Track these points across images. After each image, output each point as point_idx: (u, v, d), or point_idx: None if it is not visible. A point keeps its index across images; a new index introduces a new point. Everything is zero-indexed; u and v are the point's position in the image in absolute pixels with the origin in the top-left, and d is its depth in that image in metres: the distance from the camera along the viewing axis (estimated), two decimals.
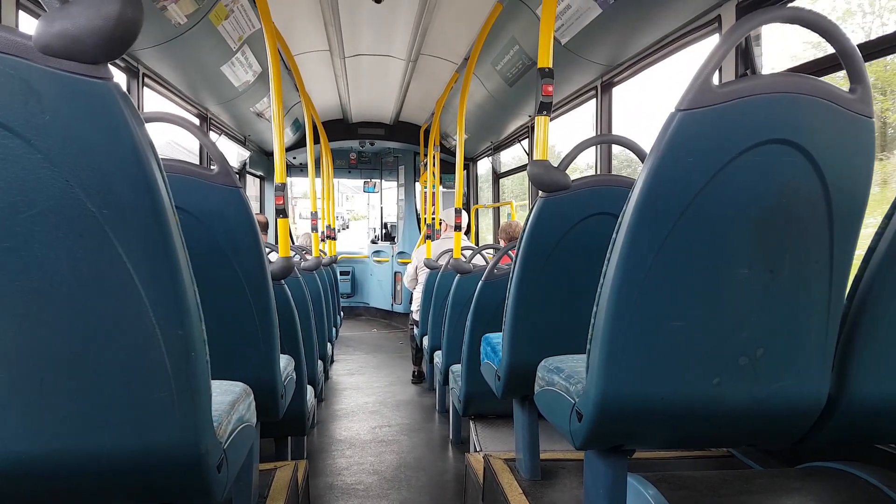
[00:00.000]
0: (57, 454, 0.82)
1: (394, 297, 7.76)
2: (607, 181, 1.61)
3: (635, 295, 1.01)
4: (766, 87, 0.95)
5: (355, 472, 2.73)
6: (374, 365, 5.22)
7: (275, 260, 2.03)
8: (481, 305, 2.37)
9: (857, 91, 1.00)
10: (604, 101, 3.54)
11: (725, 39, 0.96)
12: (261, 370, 1.60)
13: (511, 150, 5.99)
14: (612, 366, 1.04)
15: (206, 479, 0.92)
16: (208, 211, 1.42)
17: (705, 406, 1.07)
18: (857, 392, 1.11)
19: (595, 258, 1.21)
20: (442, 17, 3.79)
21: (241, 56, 3.71)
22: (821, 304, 1.05)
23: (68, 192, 0.72)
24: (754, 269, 1.01)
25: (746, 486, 1.16)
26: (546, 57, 1.82)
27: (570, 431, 1.19)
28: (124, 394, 0.82)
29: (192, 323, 0.83)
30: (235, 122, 5.06)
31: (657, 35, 2.84)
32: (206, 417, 0.90)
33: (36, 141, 0.70)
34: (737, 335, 1.04)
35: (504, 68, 4.05)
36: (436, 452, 3.02)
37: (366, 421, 3.55)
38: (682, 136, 0.94)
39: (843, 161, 0.99)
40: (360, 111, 6.69)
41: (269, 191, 7.12)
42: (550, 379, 1.35)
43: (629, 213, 0.99)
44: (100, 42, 0.68)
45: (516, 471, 1.90)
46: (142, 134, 0.74)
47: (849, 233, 1.03)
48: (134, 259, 0.76)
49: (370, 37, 4.28)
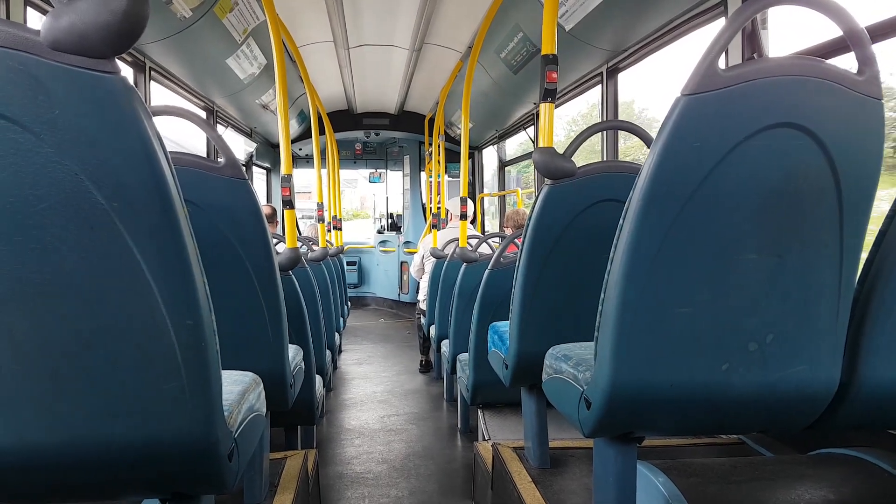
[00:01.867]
0: (70, 444, 0.83)
1: (400, 286, 7.79)
2: (613, 167, 1.59)
3: (643, 281, 1.00)
4: (773, 70, 0.94)
5: (364, 460, 2.75)
6: (382, 354, 5.24)
7: (282, 251, 2.04)
8: (488, 294, 2.37)
9: (866, 73, 0.99)
10: (609, 87, 3.52)
11: (731, 23, 0.95)
12: (270, 360, 1.61)
13: (517, 136, 5.97)
14: (621, 353, 1.04)
15: (217, 468, 0.93)
16: (216, 203, 1.43)
17: (715, 392, 1.07)
18: (869, 377, 1.10)
19: (602, 245, 1.21)
20: (445, 5, 3.77)
21: (246, 49, 3.71)
22: (831, 289, 1.05)
23: (78, 186, 0.73)
24: (763, 254, 1.00)
25: (757, 472, 1.16)
26: (550, 43, 1.80)
27: (578, 419, 1.19)
28: (136, 384, 0.83)
29: (203, 313, 0.84)
30: (241, 115, 5.06)
31: (662, 20, 2.81)
32: (217, 407, 0.91)
33: (45, 135, 0.70)
34: (746, 321, 1.04)
35: (508, 56, 4.02)
36: (444, 441, 3.03)
37: (374, 410, 3.57)
38: (688, 120, 0.94)
39: (852, 143, 0.98)
40: (364, 101, 6.69)
41: (275, 182, 7.14)
42: (558, 367, 1.35)
43: (636, 199, 0.98)
44: (107, 37, 0.69)
45: (525, 459, 1.91)
46: (150, 127, 0.74)
47: (859, 216, 1.02)
48: (144, 251, 0.77)
49: (374, 27, 4.26)
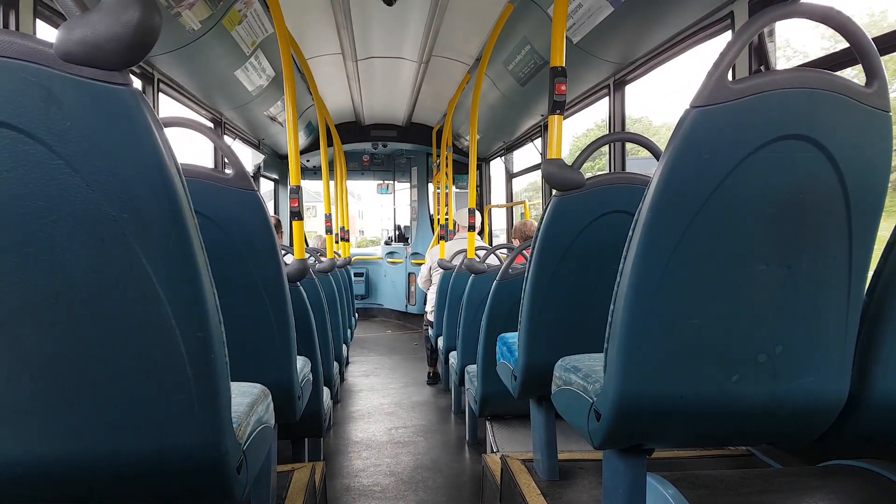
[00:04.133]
0: (78, 456, 0.83)
1: (408, 298, 7.78)
2: (622, 179, 1.59)
3: (652, 293, 1.00)
4: (781, 82, 0.94)
5: (372, 473, 2.73)
6: (390, 366, 5.23)
7: (290, 262, 2.04)
8: (496, 305, 2.37)
9: (874, 85, 0.99)
10: (617, 99, 3.52)
11: (739, 36, 0.95)
12: (278, 372, 1.61)
13: (524, 149, 5.98)
14: (630, 364, 1.04)
15: (226, 481, 0.93)
16: (225, 214, 1.44)
17: (724, 404, 1.07)
18: (879, 388, 1.10)
19: (611, 257, 1.21)
20: (453, 18, 3.79)
21: (254, 61, 3.75)
22: (840, 300, 1.04)
23: (89, 198, 0.73)
24: (772, 265, 1.00)
25: (767, 484, 1.14)
26: (559, 56, 1.82)
27: (588, 431, 1.19)
28: (145, 396, 0.83)
29: (212, 325, 0.84)
30: (249, 126, 5.10)
31: (669, 32, 2.82)
32: (226, 419, 0.90)
33: (57, 147, 0.71)
34: (755, 332, 1.03)
35: (516, 68, 4.04)
36: (452, 453, 3.01)
37: (382, 422, 3.56)
38: (697, 132, 0.94)
39: (860, 156, 0.98)
40: (372, 113, 6.73)
41: (283, 193, 7.18)
42: (567, 378, 1.34)
43: (645, 211, 0.98)
44: (119, 49, 0.69)
45: (534, 471, 1.89)
46: (161, 139, 0.75)
47: (867, 227, 1.02)
48: (154, 263, 0.77)
49: (382, 39, 4.30)
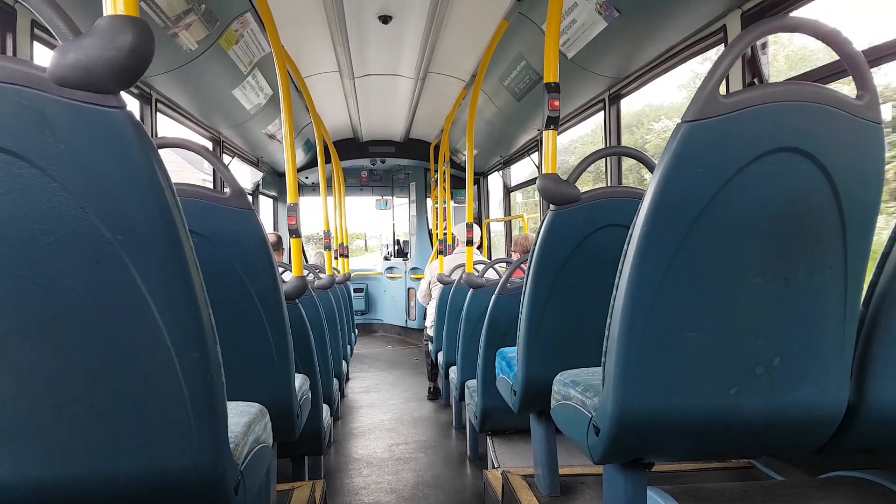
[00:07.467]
0: (75, 478, 0.83)
1: (408, 313, 7.76)
2: (617, 193, 1.60)
3: (648, 306, 1.00)
4: (773, 96, 0.95)
5: (373, 490, 2.71)
6: (390, 382, 5.20)
7: (288, 280, 2.04)
8: (495, 319, 2.36)
9: (865, 97, 1.00)
10: (612, 113, 3.55)
11: (730, 50, 0.96)
12: (276, 390, 1.60)
13: (522, 163, 6.01)
14: (628, 378, 1.03)
15: (223, 501, 0.92)
16: (222, 234, 1.44)
17: (723, 417, 1.06)
18: (878, 398, 1.09)
19: (607, 270, 1.21)
20: (449, 35, 3.83)
21: (251, 80, 3.78)
22: (836, 311, 1.04)
23: (84, 220, 0.74)
24: (768, 277, 1.00)
25: (768, 497, 1.14)
26: (552, 72, 1.83)
27: (587, 446, 1.18)
28: (141, 417, 0.83)
29: (208, 346, 0.84)
30: (248, 145, 5.13)
31: (663, 46, 2.85)
32: (223, 439, 0.90)
33: (51, 170, 0.71)
34: (752, 344, 1.03)
35: (512, 83, 4.08)
36: (453, 469, 2.99)
37: (382, 439, 3.53)
38: (690, 147, 0.95)
39: (853, 167, 0.99)
40: (370, 130, 6.77)
41: (282, 211, 7.20)
42: (566, 393, 1.34)
43: (640, 225, 0.99)
44: (112, 72, 0.70)
45: (535, 487, 1.88)
46: (155, 160, 0.75)
47: (862, 238, 1.02)
48: (150, 284, 0.78)
49: (379, 57, 4.34)
